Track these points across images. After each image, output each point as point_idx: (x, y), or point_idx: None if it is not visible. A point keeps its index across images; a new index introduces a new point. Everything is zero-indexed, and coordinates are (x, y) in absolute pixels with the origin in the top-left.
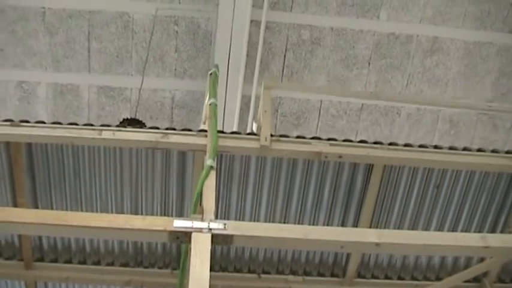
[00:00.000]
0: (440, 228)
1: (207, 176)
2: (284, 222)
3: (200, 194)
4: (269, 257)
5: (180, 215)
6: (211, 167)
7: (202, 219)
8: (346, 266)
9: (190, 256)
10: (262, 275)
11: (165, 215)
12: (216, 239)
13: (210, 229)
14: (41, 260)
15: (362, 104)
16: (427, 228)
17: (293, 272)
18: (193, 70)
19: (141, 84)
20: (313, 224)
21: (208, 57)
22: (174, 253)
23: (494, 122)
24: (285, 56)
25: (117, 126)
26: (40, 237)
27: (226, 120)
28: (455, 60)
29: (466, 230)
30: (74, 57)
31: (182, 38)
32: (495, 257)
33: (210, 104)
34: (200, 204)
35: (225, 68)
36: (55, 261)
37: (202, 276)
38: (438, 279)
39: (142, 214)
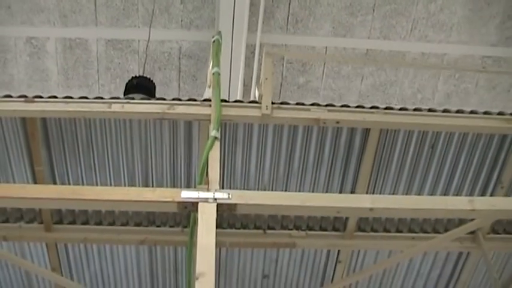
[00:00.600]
0: (434, 187)
1: (211, 146)
2: (286, 186)
3: (206, 165)
4: (273, 213)
5: (188, 182)
6: (216, 137)
7: (208, 189)
8: (347, 220)
9: (197, 224)
10: (268, 231)
11: (174, 182)
12: (221, 208)
13: (215, 199)
14: (60, 222)
15: (367, 49)
16: (422, 188)
17: (297, 227)
18: (199, 21)
19: (149, 37)
20: (313, 187)
21: (213, 8)
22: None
23: (499, 65)
24: (289, 4)
25: (127, 84)
26: None
27: (233, 68)
28: (460, 5)
29: (460, 189)
30: (80, 11)
31: None
32: (482, 219)
33: (213, 73)
34: (206, 175)
35: (231, 17)
36: (73, 223)
37: (208, 243)
38: (435, 231)
39: (152, 181)
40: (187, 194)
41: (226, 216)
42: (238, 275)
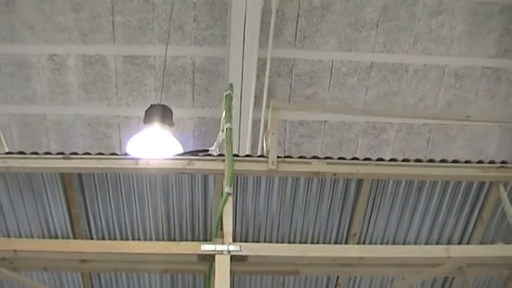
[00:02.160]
0: (421, 225)
1: (225, 202)
2: (290, 230)
3: (220, 219)
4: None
5: (205, 229)
6: (229, 193)
7: (223, 242)
8: None
9: (214, 272)
10: None
11: (193, 230)
12: (233, 258)
13: (229, 251)
14: None
15: (371, 62)
16: (410, 225)
17: None
18: (212, 37)
19: (166, 53)
20: (314, 230)
21: (225, 25)
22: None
23: (498, 75)
24: (297, 21)
25: (146, 112)
26: (90, 228)
27: (244, 82)
28: (460, 20)
29: (445, 224)
30: (99, 30)
31: (200, 9)
32: (457, 264)
33: (226, 129)
34: (221, 228)
35: (241, 34)
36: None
37: None
38: None
39: (174, 228)
40: (206, 247)
41: None
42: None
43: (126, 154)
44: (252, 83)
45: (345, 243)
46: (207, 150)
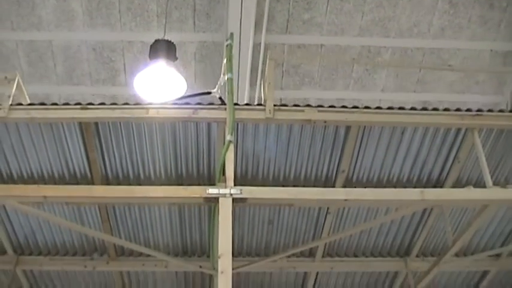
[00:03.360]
0: (404, 163)
1: (227, 149)
2: (285, 170)
3: (223, 164)
4: (279, 175)
5: (209, 172)
6: (230, 141)
7: (225, 187)
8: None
9: (218, 214)
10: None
11: (198, 172)
12: (235, 200)
13: (231, 194)
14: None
15: None
16: (393, 164)
17: (295, 186)
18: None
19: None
20: (307, 168)
21: None
22: (206, 174)
23: (491, 2)
24: None
25: (151, 46)
26: (106, 168)
27: (244, 8)
28: None
29: (425, 162)
30: None
31: None
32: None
33: (227, 79)
34: (223, 173)
35: None
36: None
37: (226, 230)
38: None
39: (181, 170)
40: (211, 191)
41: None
42: (249, 221)
43: (137, 104)
44: (252, 8)
45: (335, 178)
46: (210, 93)
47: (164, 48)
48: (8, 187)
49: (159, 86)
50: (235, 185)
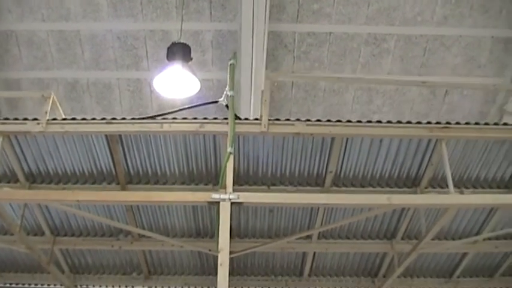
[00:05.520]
0: (383, 168)
1: (228, 159)
2: (281, 171)
3: (224, 173)
4: (276, 173)
5: (216, 173)
6: (230, 153)
7: (225, 192)
8: (325, 179)
9: (218, 216)
10: (271, 187)
11: (207, 175)
12: (233, 204)
13: (230, 199)
14: (130, 182)
15: None
16: (374, 166)
17: (291, 183)
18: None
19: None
20: (300, 169)
21: None
22: (213, 172)
23: None
24: None
25: (168, 49)
26: (128, 167)
27: None
28: None
29: (402, 166)
30: None
31: None
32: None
33: (229, 96)
34: (224, 180)
35: None
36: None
37: (225, 229)
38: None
39: (193, 174)
40: (214, 196)
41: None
42: (253, 210)
43: (152, 117)
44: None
45: (324, 177)
46: (217, 102)
47: (180, 51)
48: (48, 193)
49: (176, 86)
50: (238, 183)
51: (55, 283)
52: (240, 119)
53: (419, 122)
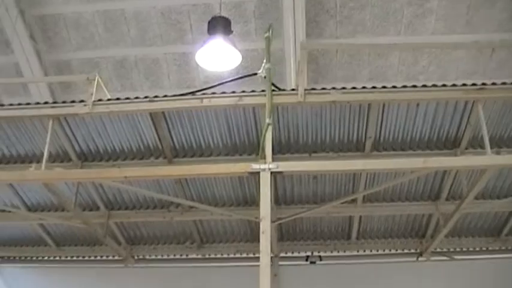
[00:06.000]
0: (421, 131)
1: (266, 130)
2: (322, 140)
3: (263, 144)
4: (317, 140)
5: (258, 141)
6: (269, 124)
7: (265, 162)
8: (365, 144)
9: (260, 186)
10: (312, 154)
11: (249, 146)
12: (273, 173)
13: (270, 169)
14: (177, 156)
15: None
16: (413, 129)
17: (332, 150)
18: None
19: None
20: (339, 137)
21: None
22: (255, 142)
23: None
24: None
25: (209, 23)
26: (174, 142)
27: None
28: None
29: (442, 125)
30: None
31: None
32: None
33: (266, 69)
34: (263, 151)
35: None
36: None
37: (266, 198)
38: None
39: (237, 145)
40: (254, 166)
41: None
42: (296, 177)
43: (193, 93)
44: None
45: (364, 143)
46: (256, 74)
47: (221, 24)
48: (97, 171)
49: (218, 59)
50: (281, 152)
51: (113, 254)
52: (279, 89)
53: (454, 85)
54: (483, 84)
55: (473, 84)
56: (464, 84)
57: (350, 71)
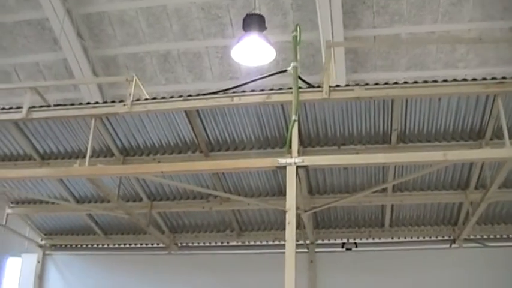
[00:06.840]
0: (445, 121)
1: (292, 127)
2: (349, 133)
3: (290, 139)
4: (344, 133)
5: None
6: (295, 120)
7: (291, 157)
8: (391, 137)
9: (286, 179)
10: (341, 147)
11: (279, 135)
12: (298, 168)
13: (295, 163)
14: (212, 150)
15: None
16: (437, 119)
17: (359, 142)
18: None
19: None
20: (366, 131)
21: None
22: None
23: None
24: None
25: (244, 20)
26: (208, 137)
27: None
28: None
29: (465, 117)
30: None
31: None
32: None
33: (293, 67)
34: (290, 146)
35: None
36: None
37: (292, 191)
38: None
39: (268, 139)
40: (280, 161)
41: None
42: (327, 169)
43: (224, 91)
44: None
45: (390, 135)
46: (286, 71)
47: (255, 21)
48: (135, 166)
49: (253, 55)
50: (311, 145)
51: (158, 242)
52: (308, 84)
53: (474, 79)
54: (503, 78)
55: (493, 78)
56: (484, 79)
57: (388, 60)
